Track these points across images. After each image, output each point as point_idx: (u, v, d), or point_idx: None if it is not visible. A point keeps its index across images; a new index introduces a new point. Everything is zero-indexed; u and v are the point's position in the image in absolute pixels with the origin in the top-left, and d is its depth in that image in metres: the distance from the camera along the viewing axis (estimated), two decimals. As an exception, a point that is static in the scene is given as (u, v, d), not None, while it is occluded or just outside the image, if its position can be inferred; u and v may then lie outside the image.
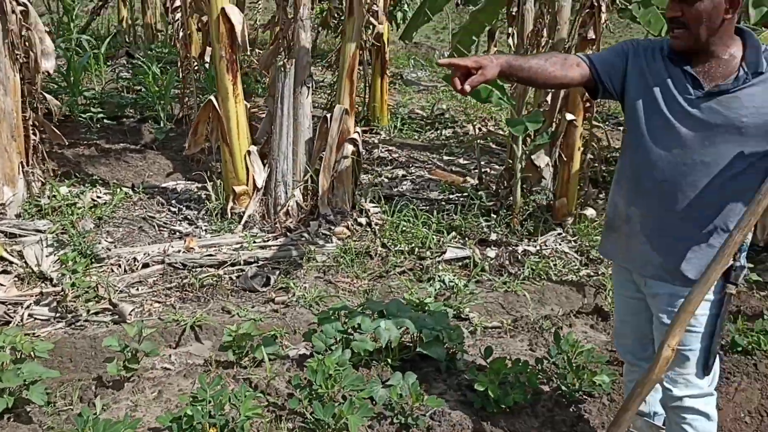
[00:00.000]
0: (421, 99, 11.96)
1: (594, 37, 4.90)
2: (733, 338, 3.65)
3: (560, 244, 5.18)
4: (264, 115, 5.81)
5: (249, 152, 5.05)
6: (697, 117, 2.09)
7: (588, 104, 5.28)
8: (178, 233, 4.89)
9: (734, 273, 2.15)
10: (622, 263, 2.44)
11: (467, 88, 2.06)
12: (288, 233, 4.98)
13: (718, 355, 2.26)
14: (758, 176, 2.02)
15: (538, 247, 5.05)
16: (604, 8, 4.80)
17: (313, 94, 5.26)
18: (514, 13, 6.76)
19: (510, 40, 9.02)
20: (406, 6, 14.77)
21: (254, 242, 4.74)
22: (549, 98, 5.43)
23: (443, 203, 5.95)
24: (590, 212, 5.50)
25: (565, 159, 5.36)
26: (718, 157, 2.07)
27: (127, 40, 11.81)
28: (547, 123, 5.45)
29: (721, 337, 2.35)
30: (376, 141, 8.37)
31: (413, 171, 7.15)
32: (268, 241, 4.84)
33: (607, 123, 8.92)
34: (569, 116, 5.20)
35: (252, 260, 4.55)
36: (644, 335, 2.47)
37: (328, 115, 5.12)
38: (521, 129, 4.98)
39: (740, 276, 2.17)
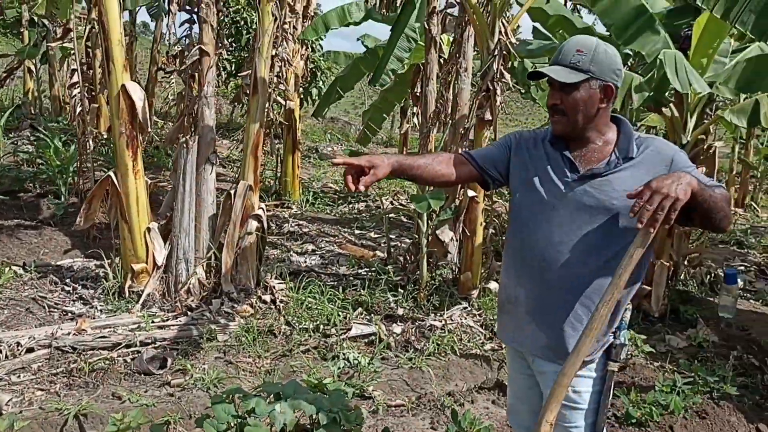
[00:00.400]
0: (335, 173, 12.07)
1: (491, 118, 5.11)
2: (627, 410, 3.72)
3: (465, 318, 5.23)
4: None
5: (149, 229, 4.92)
6: (572, 199, 2.18)
7: (488, 181, 5.45)
8: (70, 314, 4.65)
9: (614, 350, 2.20)
10: (512, 344, 2.47)
11: (361, 187, 2.14)
12: (189, 312, 4.82)
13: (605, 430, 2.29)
14: None
15: (443, 322, 5.08)
16: (498, 92, 5.02)
17: (224, 168, 5.21)
18: (418, 94, 6.99)
19: (415, 119, 9.32)
20: (321, 83, 15.10)
21: (152, 322, 4.55)
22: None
23: (351, 278, 5.94)
24: (494, 286, 5.60)
25: (468, 234, 5.48)
26: (593, 237, 2.15)
27: (32, 111, 11.48)
28: (450, 199, 5.59)
29: (606, 412, 2.38)
30: (287, 215, 8.35)
31: (323, 245, 7.14)
32: (167, 320, 4.67)
33: (506, 198, 9.20)
34: (471, 193, 5.35)
35: (149, 341, 4.36)
36: (537, 411, 2.48)
37: (232, 191, 5.08)
38: (425, 206, 5.08)
39: (621, 353, 2.21)
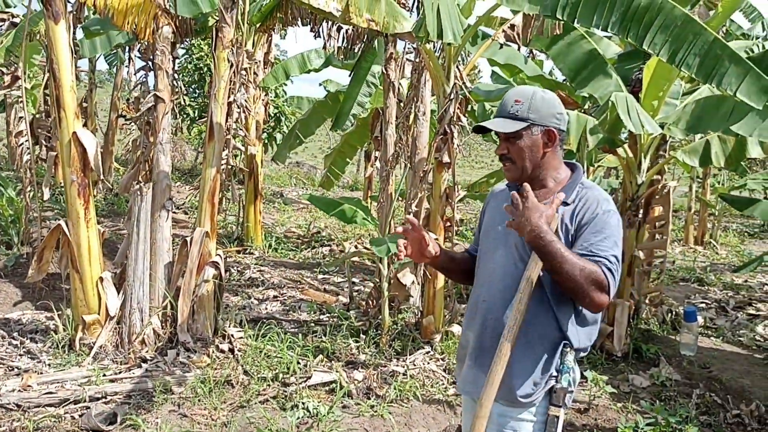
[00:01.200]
0: (299, 217, 12.03)
1: (449, 161, 5.14)
2: (590, 453, 3.68)
3: (428, 363, 5.16)
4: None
5: (102, 278, 4.79)
6: (510, 241, 2.19)
7: (448, 224, 5.46)
8: (16, 370, 4.46)
9: (555, 395, 2.15)
10: (463, 388, 2.43)
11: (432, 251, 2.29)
12: (143, 364, 4.67)
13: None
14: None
15: (406, 367, 5.00)
16: (455, 135, 5.06)
17: (187, 214, 5.13)
18: (378, 138, 7.02)
19: (378, 163, 9.34)
20: (285, 128, 15.15)
21: (104, 375, 4.40)
22: (411, 218, 5.57)
23: (313, 324, 5.85)
24: (457, 329, 5.55)
25: (429, 277, 5.45)
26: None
27: (-12, 160, 11.28)
28: (411, 242, 5.56)
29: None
30: (248, 261, 8.23)
31: (285, 291, 7.04)
32: (119, 373, 4.51)
33: (469, 240, 9.23)
34: (431, 235, 5.32)
35: (99, 396, 4.19)
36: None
37: (188, 238, 4.98)
38: (384, 249, 5.04)
39: (563, 397, 2.16)
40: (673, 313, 6.85)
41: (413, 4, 5.61)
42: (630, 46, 6.09)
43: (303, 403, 4.33)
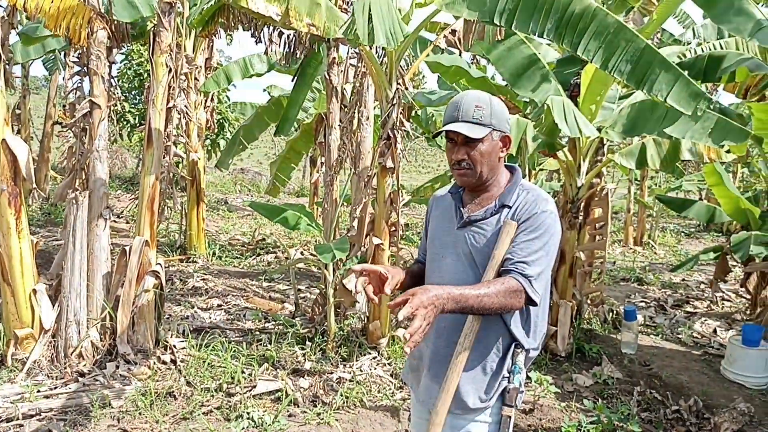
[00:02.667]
0: (244, 225, 11.87)
1: (392, 165, 5.14)
2: (534, 453, 3.72)
3: (375, 368, 5.14)
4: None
5: (35, 291, 4.62)
6: (455, 246, 2.20)
7: (393, 228, 5.46)
8: (-56, 388, 4.26)
9: (508, 395, 2.17)
10: (419, 401, 2.42)
11: (387, 290, 2.06)
12: (80, 378, 4.52)
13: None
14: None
15: (352, 373, 4.97)
16: (399, 139, 5.07)
17: (128, 223, 4.99)
18: (323, 143, 6.99)
19: (323, 168, 9.29)
20: (228, 134, 14.95)
21: (38, 391, 4.23)
22: (356, 223, 5.56)
23: (257, 333, 5.76)
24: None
25: (375, 282, 5.42)
26: (477, 282, 2.14)
27: None
28: (356, 248, 5.55)
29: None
30: (191, 270, 8.07)
31: (229, 300, 6.93)
32: (55, 388, 4.35)
33: (416, 244, 9.29)
34: (376, 240, 5.33)
35: (33, 413, 4.03)
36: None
37: (127, 247, 4.85)
38: (329, 255, 5.00)
39: (515, 397, 2.18)
40: (614, 312, 7.02)
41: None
42: (568, 52, 6.22)
43: (248, 413, 4.26)
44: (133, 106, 16.06)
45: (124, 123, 15.62)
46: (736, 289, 8.97)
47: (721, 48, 6.09)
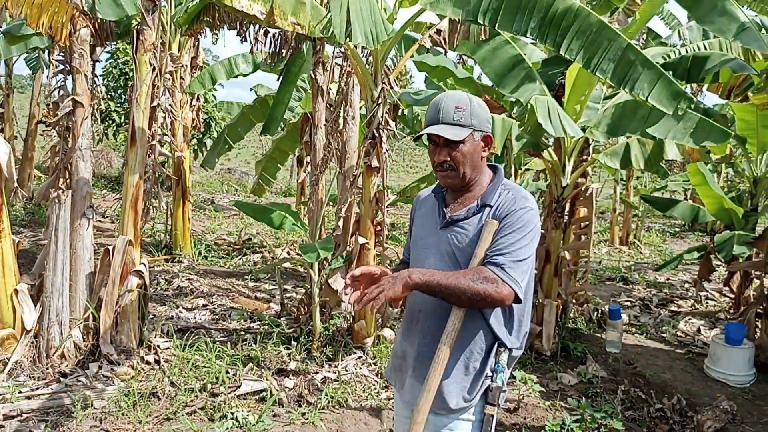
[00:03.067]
0: (230, 224, 11.82)
1: (378, 165, 5.13)
2: (518, 452, 3.72)
3: (360, 368, 5.14)
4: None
5: (16, 291, 4.57)
6: (438, 246, 2.20)
7: (379, 228, 5.46)
8: None
9: (491, 393, 2.17)
10: (403, 401, 2.42)
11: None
12: (63, 378, 4.48)
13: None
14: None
15: (338, 373, 4.97)
16: (384, 139, 5.06)
17: (114, 222, 4.95)
18: (309, 142, 6.97)
19: (309, 168, 9.29)
20: (215, 134, 14.88)
21: (19, 392, 4.20)
22: (341, 223, 5.55)
23: (242, 333, 5.74)
24: (388, 333, 5.55)
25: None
26: None
27: None
28: (341, 247, 5.54)
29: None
30: (177, 270, 8.03)
31: (215, 300, 6.89)
32: (36, 389, 4.32)
33: (402, 243, 9.30)
34: (362, 240, 5.32)
35: (14, 414, 3.99)
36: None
37: (110, 247, 4.82)
38: (314, 255, 5.00)
39: (498, 396, 2.19)
40: (599, 311, 7.05)
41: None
42: (553, 52, 6.24)
43: (232, 414, 4.24)
44: (118, 105, 15.97)
45: (110, 122, 15.52)
46: (719, 288, 9.04)
47: (705, 49, 6.13)
